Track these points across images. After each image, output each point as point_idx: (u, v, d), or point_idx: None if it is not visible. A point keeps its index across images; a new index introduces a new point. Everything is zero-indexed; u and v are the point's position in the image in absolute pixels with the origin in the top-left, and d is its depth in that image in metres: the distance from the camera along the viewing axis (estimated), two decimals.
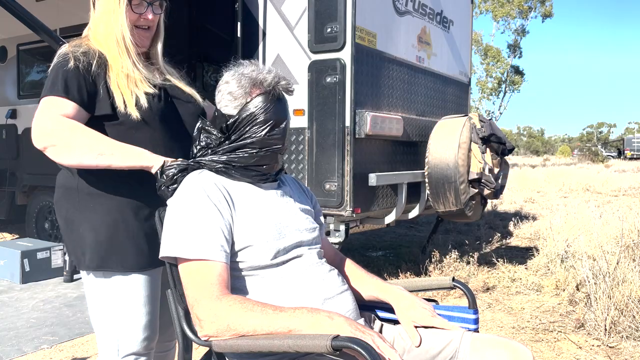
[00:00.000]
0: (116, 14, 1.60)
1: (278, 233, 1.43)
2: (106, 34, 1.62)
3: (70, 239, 1.65)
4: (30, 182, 5.67)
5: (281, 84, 1.49)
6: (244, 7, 3.95)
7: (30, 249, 4.62)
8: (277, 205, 1.50)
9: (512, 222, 7.05)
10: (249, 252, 1.39)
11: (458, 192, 4.01)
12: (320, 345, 1.11)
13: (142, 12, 1.64)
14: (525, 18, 29.58)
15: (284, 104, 1.52)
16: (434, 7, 4.75)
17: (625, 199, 11.14)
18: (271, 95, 1.47)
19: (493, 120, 4.89)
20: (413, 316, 1.54)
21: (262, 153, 1.47)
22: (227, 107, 1.48)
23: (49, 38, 3.30)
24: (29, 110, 5.72)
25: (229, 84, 1.48)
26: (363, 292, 1.64)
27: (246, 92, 1.46)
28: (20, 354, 3.02)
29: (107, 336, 1.63)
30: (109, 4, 1.61)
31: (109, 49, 1.61)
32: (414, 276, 4.54)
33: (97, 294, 1.63)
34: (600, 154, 41.13)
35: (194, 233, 1.34)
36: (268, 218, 1.44)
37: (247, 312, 1.24)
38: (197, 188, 1.40)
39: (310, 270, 1.45)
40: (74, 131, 1.49)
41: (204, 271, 1.31)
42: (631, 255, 4.02)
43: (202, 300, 1.29)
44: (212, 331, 1.27)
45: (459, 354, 1.46)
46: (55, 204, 1.69)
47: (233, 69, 1.51)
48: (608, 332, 3.21)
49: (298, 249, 1.47)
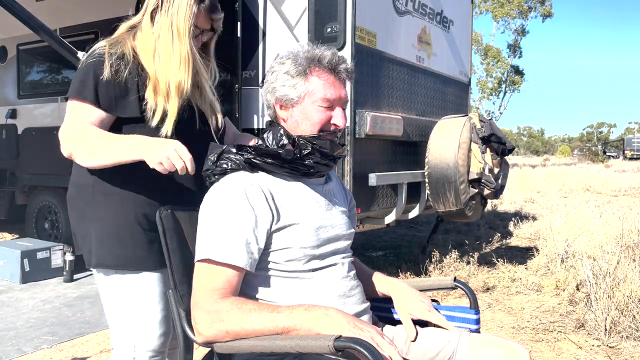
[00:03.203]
0: (186, 38, 1.62)
1: (317, 239, 1.40)
2: (166, 53, 1.61)
3: (83, 237, 1.65)
4: (30, 182, 5.67)
5: (342, 66, 1.43)
6: (244, 7, 3.95)
7: (30, 249, 4.61)
8: (321, 206, 1.46)
9: (512, 222, 7.05)
10: (285, 255, 1.37)
11: (458, 192, 4.01)
12: (322, 345, 1.11)
13: (196, 37, 1.68)
14: (525, 18, 29.62)
15: (344, 85, 1.46)
16: (434, 7, 4.75)
17: (626, 199, 11.14)
18: (332, 73, 1.42)
19: (493, 120, 4.89)
20: (411, 309, 1.54)
21: (319, 137, 1.41)
22: (284, 86, 1.43)
23: (49, 38, 3.30)
24: (29, 110, 5.72)
25: (284, 64, 1.44)
26: (367, 287, 1.62)
27: (305, 70, 1.42)
28: (20, 354, 3.02)
29: (123, 333, 1.64)
30: (180, 27, 1.61)
31: (166, 67, 1.61)
32: (414, 276, 4.54)
33: (111, 291, 1.64)
34: (601, 154, 41.16)
35: (216, 234, 1.31)
36: (310, 222, 1.40)
37: (245, 315, 1.23)
38: (237, 188, 1.35)
39: (339, 284, 1.43)
40: (91, 137, 1.52)
41: (213, 275, 1.29)
42: (631, 255, 4.01)
43: (200, 304, 1.28)
44: (210, 335, 1.26)
45: (457, 354, 1.46)
46: (69, 202, 1.70)
47: (287, 51, 1.47)
48: (608, 332, 3.21)
49: (333, 257, 1.45)
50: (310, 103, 1.42)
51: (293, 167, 1.41)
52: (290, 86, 1.42)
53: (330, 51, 1.43)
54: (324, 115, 1.42)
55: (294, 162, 1.40)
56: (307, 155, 1.40)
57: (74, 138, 1.54)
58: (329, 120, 1.43)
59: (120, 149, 1.50)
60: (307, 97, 1.42)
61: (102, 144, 1.52)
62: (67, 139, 1.54)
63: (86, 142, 1.52)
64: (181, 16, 1.60)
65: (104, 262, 1.61)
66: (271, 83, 1.46)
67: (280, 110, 1.47)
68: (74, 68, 3.88)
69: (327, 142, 1.43)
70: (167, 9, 1.60)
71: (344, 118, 1.45)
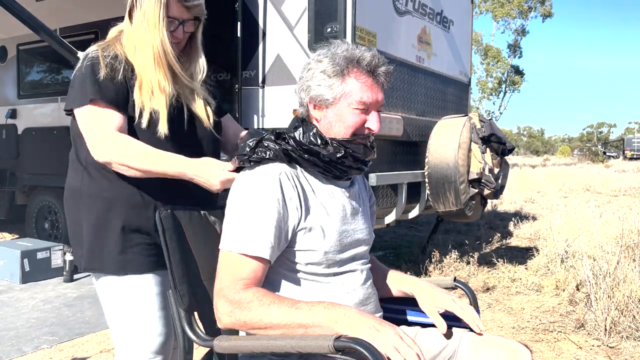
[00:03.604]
0: (156, 29, 1.59)
1: (340, 244, 1.39)
2: (142, 48, 1.60)
3: (75, 240, 1.66)
4: (30, 182, 5.67)
5: (381, 69, 1.39)
6: (244, 7, 3.95)
7: (30, 249, 4.61)
8: (346, 210, 1.44)
9: (512, 222, 7.05)
10: (306, 256, 1.36)
11: (458, 192, 4.01)
12: (322, 345, 1.11)
13: (173, 30, 1.63)
14: (525, 18, 29.63)
15: (382, 88, 1.42)
16: (434, 7, 4.75)
17: (626, 199, 11.14)
18: (370, 76, 1.38)
19: (493, 120, 4.89)
20: (437, 303, 1.50)
21: (352, 141, 1.38)
22: (320, 86, 1.38)
23: (49, 38, 3.30)
24: (29, 110, 5.72)
25: (321, 63, 1.39)
26: (391, 287, 1.62)
27: (342, 71, 1.37)
28: (20, 354, 3.02)
29: (123, 335, 1.64)
30: (149, 18, 1.58)
31: (143, 63, 1.60)
32: (414, 276, 4.54)
33: (110, 293, 1.64)
34: (601, 154, 41.15)
35: (247, 225, 1.30)
36: (335, 227, 1.39)
37: (264, 308, 1.23)
38: (273, 179, 1.33)
39: (357, 292, 1.42)
40: (132, 148, 1.53)
41: (239, 264, 1.29)
42: (631, 255, 4.02)
43: (224, 291, 1.28)
44: (228, 324, 1.27)
45: (458, 353, 1.46)
46: (64, 204, 1.71)
47: (324, 49, 1.42)
48: (608, 332, 3.21)
49: (352, 264, 1.43)
50: (345, 105, 1.38)
51: (327, 168, 1.39)
52: (326, 86, 1.38)
53: (370, 52, 1.39)
54: (358, 118, 1.38)
55: (330, 163, 1.38)
56: (339, 159, 1.38)
57: (113, 147, 1.53)
58: (364, 123, 1.39)
59: (171, 163, 1.53)
60: (342, 98, 1.37)
61: (155, 156, 1.53)
62: (107, 147, 1.53)
63: (141, 151, 1.53)
64: (150, 6, 1.57)
65: (91, 266, 1.62)
66: (306, 81, 1.41)
67: (313, 110, 1.43)
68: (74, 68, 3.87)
69: (360, 146, 1.39)
70: (140, 4, 1.60)
71: (379, 122, 1.41)
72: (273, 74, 3.90)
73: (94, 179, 1.61)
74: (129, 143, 1.54)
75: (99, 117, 1.54)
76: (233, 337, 1.31)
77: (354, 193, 1.50)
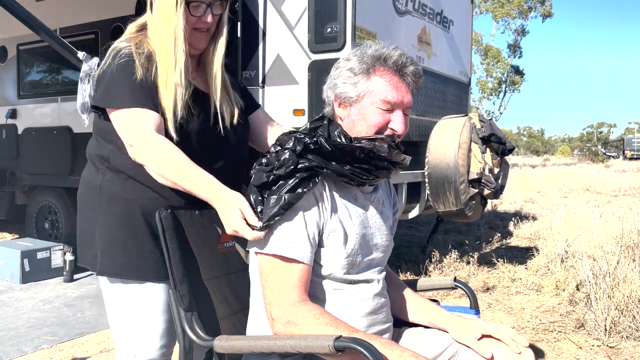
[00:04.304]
0: (172, 19, 1.49)
1: (359, 253, 1.38)
2: (161, 41, 1.51)
3: (88, 240, 1.61)
4: (30, 182, 5.67)
5: (409, 68, 1.36)
6: (244, 7, 3.94)
7: (30, 249, 4.61)
8: (366, 213, 1.43)
9: (512, 222, 7.05)
10: (327, 259, 1.35)
11: (458, 192, 4.01)
12: (322, 346, 1.11)
13: (202, 15, 1.54)
14: (525, 18, 29.67)
15: (410, 89, 1.38)
16: (434, 7, 4.75)
17: (626, 199, 11.14)
18: (397, 75, 1.35)
19: (493, 120, 4.88)
20: (471, 332, 1.44)
21: (375, 139, 1.34)
22: (345, 84, 1.37)
23: (49, 38, 3.30)
24: (29, 110, 5.72)
25: (349, 61, 1.38)
26: (399, 307, 1.58)
27: (368, 69, 1.35)
28: (20, 354, 3.02)
29: (124, 341, 1.62)
30: (165, 7, 1.50)
31: (161, 57, 1.51)
32: (414, 276, 4.54)
33: (114, 298, 1.61)
34: (601, 154, 41.16)
35: (290, 231, 1.29)
36: (354, 228, 1.37)
37: (321, 328, 1.22)
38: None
39: (371, 301, 1.40)
40: (168, 159, 1.45)
41: (289, 271, 1.28)
42: (631, 255, 4.02)
43: (279, 302, 1.27)
44: (281, 333, 1.27)
45: (460, 354, 1.46)
46: (78, 200, 1.67)
47: (356, 48, 1.41)
48: (608, 332, 3.21)
49: (368, 272, 1.42)
50: (369, 103, 1.35)
51: (354, 172, 1.34)
52: (351, 84, 1.36)
53: (398, 51, 1.37)
54: (381, 118, 1.35)
55: (360, 162, 1.33)
56: (368, 154, 1.33)
57: (160, 155, 1.45)
58: (387, 124, 1.36)
59: (201, 186, 1.43)
60: (366, 96, 1.35)
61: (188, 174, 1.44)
62: (147, 151, 1.45)
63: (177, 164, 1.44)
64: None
65: (108, 270, 1.57)
66: (333, 79, 1.40)
67: (338, 109, 1.41)
68: (74, 68, 3.88)
69: (384, 145, 1.35)
70: None
71: (404, 124, 1.37)
72: (273, 74, 3.90)
73: (117, 179, 1.57)
74: (166, 151, 1.45)
75: (137, 117, 1.47)
76: (233, 337, 1.31)
77: (376, 198, 1.49)
